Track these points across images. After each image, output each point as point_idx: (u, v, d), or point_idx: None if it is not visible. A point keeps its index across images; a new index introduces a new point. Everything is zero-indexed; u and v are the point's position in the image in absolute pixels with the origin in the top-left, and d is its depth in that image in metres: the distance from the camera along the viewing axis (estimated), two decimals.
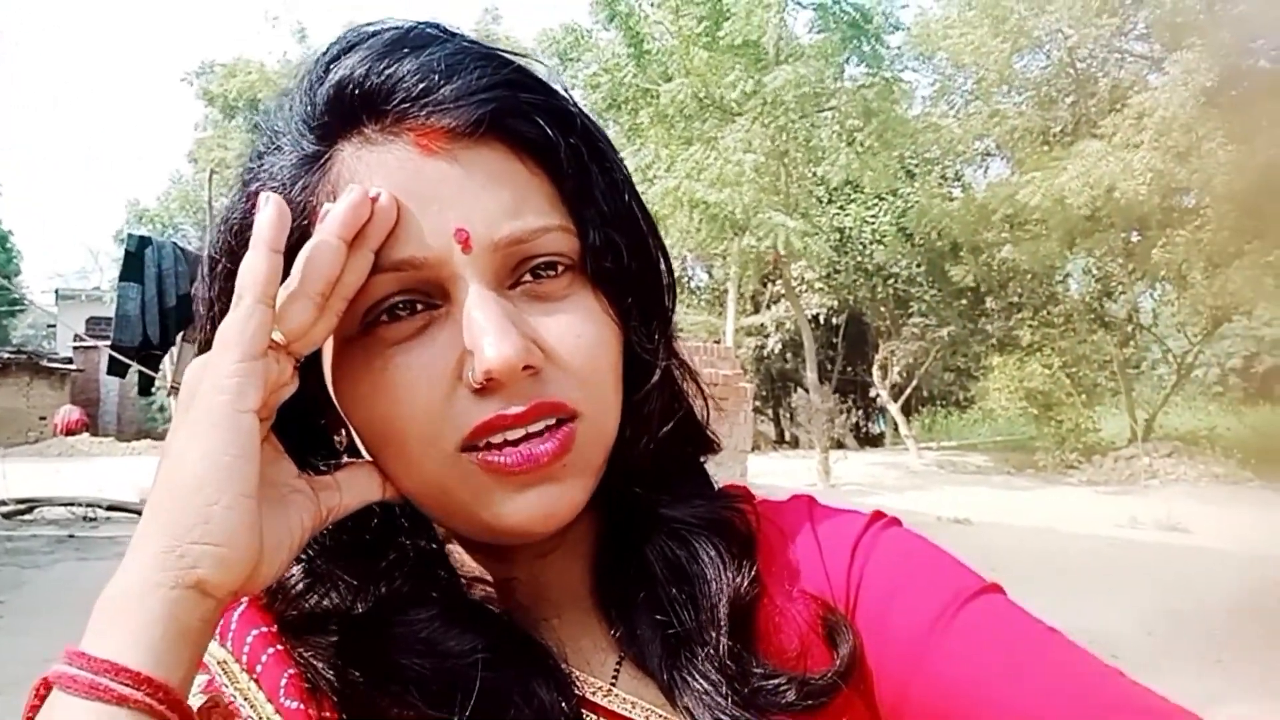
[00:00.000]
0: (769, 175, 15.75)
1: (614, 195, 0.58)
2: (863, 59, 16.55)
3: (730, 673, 0.57)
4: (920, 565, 0.61)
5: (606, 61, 16.71)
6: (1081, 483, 17.00)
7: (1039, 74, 19.12)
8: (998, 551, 8.37)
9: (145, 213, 31.98)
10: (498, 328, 0.51)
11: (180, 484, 0.46)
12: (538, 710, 0.54)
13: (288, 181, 0.55)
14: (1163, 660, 4.65)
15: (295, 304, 0.50)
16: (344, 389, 0.56)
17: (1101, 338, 19.36)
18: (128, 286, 8.90)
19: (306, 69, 0.57)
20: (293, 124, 0.56)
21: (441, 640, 0.56)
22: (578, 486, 0.56)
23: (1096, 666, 0.54)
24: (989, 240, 18.53)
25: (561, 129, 0.55)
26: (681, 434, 0.65)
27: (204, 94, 27.03)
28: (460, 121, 0.52)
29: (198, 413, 0.47)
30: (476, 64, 0.54)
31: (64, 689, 0.42)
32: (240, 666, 0.57)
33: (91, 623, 0.44)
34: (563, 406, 0.54)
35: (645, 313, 0.60)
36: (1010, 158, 19.77)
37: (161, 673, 0.43)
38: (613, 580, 0.62)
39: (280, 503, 0.51)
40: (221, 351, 0.48)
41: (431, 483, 0.55)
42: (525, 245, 0.54)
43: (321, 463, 0.57)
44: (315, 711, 0.54)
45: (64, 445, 21.15)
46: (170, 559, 0.44)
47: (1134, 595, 7.21)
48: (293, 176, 0.55)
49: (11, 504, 11.15)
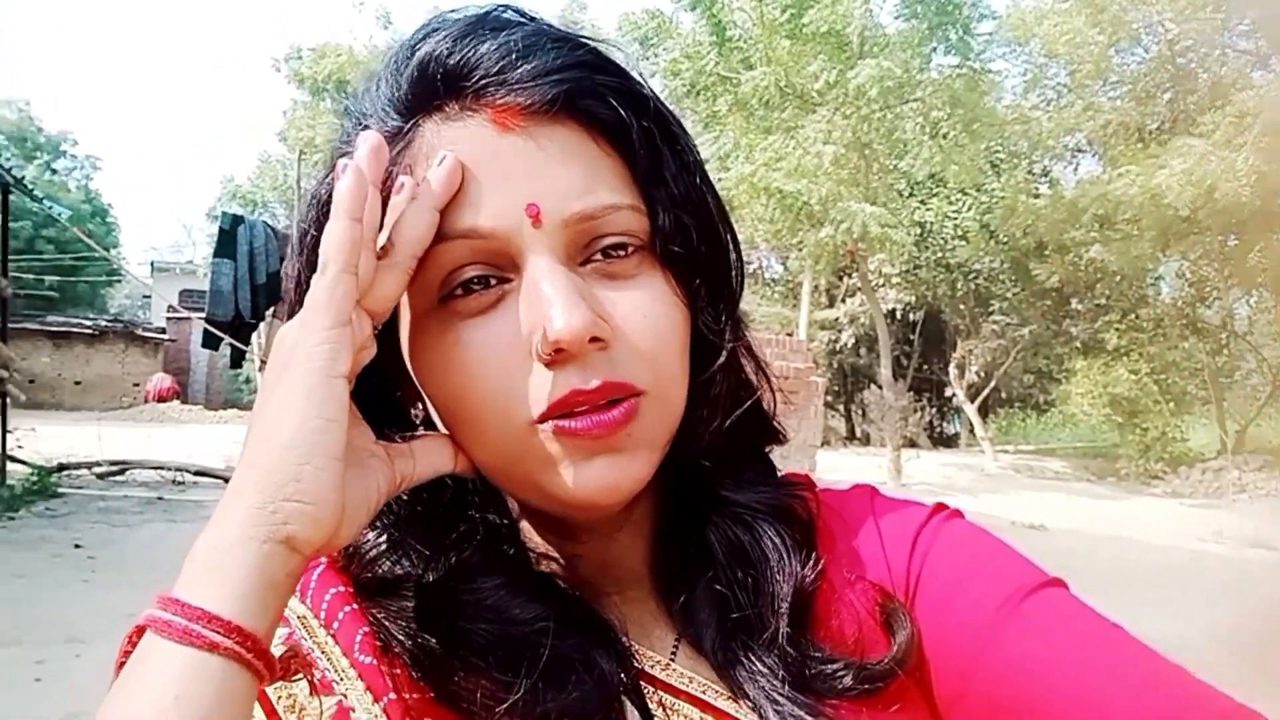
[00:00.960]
0: (849, 167, 15.50)
1: (685, 178, 0.58)
2: (950, 48, 16.14)
3: (788, 657, 0.58)
4: (983, 557, 0.61)
5: (687, 48, 16.62)
6: (1166, 494, 16.41)
7: (1136, 68, 18.41)
8: (1073, 559, 8.14)
9: (238, 190, 32.98)
10: (566, 299, 0.52)
11: (275, 444, 0.47)
12: (598, 679, 0.55)
13: None
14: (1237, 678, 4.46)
15: (381, 271, 0.52)
16: (420, 362, 0.58)
17: (1193, 344, 18.61)
18: (221, 263, 9.23)
19: (393, 53, 0.59)
20: (378, 104, 0.58)
21: (508, 608, 0.57)
22: (641, 460, 0.56)
23: (1163, 663, 0.53)
24: (1077, 239, 17.92)
25: (635, 111, 0.56)
26: (747, 420, 0.65)
27: (294, 76, 27.68)
28: (536, 99, 0.53)
29: (291, 378, 0.49)
30: (553, 45, 0.55)
31: (158, 633, 0.44)
32: (319, 622, 0.59)
33: (184, 572, 0.46)
34: (630, 387, 0.54)
35: (713, 295, 0.60)
36: (1102, 154, 19.09)
37: (250, 622, 0.44)
38: (674, 560, 0.63)
39: (360, 466, 0.52)
40: (311, 317, 0.49)
41: (503, 455, 0.56)
42: (595, 222, 0.55)
43: (397, 434, 0.58)
44: (388, 668, 0.56)
45: (155, 411, 22.08)
46: (263, 514, 0.46)
47: (1214, 611, 6.94)
48: None
49: (105, 465, 11.69)
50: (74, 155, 43.23)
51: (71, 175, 42.57)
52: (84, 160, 43.90)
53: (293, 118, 29.54)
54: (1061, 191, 18.81)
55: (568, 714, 0.53)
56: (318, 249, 0.53)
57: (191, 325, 22.59)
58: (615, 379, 0.54)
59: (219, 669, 0.43)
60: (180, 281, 30.36)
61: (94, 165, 44.73)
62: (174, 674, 0.43)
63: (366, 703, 0.55)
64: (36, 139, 39.82)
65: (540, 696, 0.53)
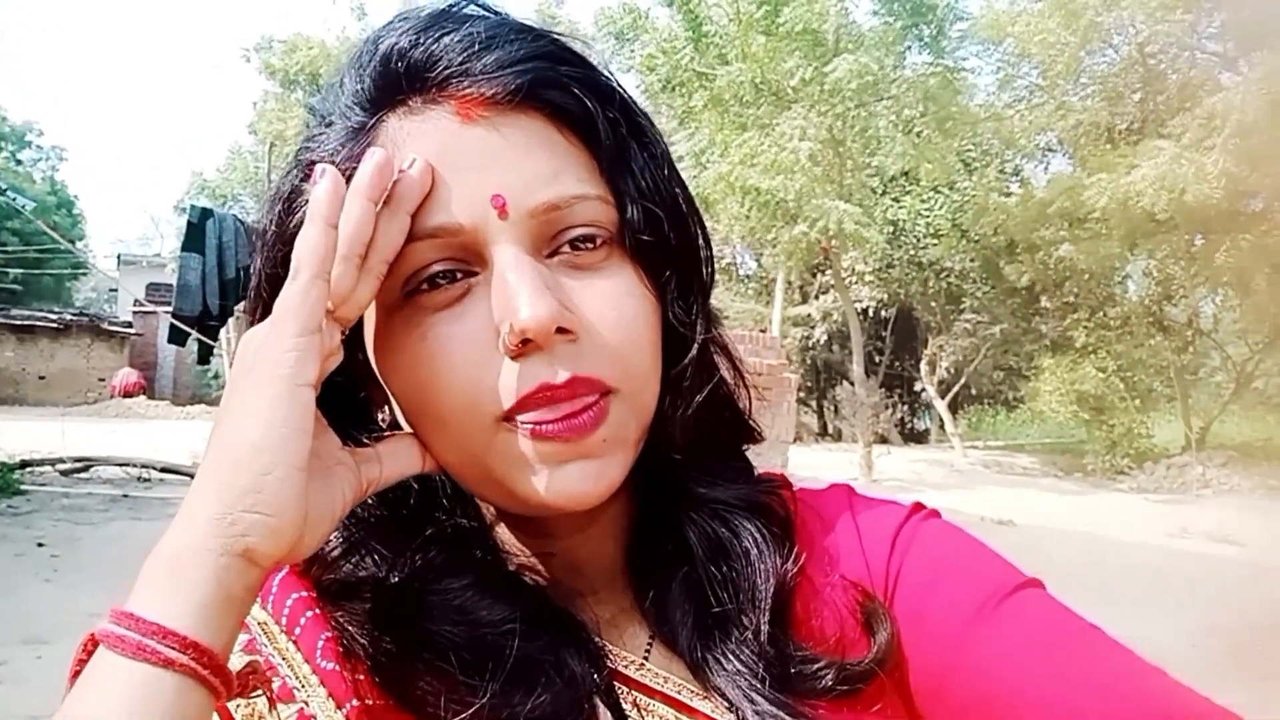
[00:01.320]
0: (824, 164, 15.57)
1: (652, 169, 0.58)
2: (924, 46, 16.26)
3: (767, 655, 0.57)
4: (962, 557, 0.61)
5: (663, 43, 16.61)
6: (1132, 489, 16.64)
7: (1107, 69, 18.61)
8: (1041, 555, 8.23)
9: (206, 184, 32.59)
10: (531, 288, 0.51)
11: (236, 453, 0.46)
12: (568, 680, 0.54)
13: (335, 152, 0.56)
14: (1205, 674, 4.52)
15: (340, 269, 0.51)
16: (385, 359, 0.57)
17: (1159, 342, 18.86)
18: (189, 257, 9.10)
19: (358, 49, 0.58)
20: (342, 100, 0.57)
21: (475, 609, 0.56)
22: (614, 462, 0.55)
23: (1140, 664, 0.53)
24: (1047, 238, 18.11)
25: (599, 101, 0.56)
26: (720, 416, 0.65)
27: (266, 67, 27.38)
28: (498, 90, 0.53)
29: (256, 384, 0.48)
30: (516, 36, 0.55)
31: (111, 648, 0.43)
32: (280, 628, 0.57)
33: (139, 584, 0.45)
34: (599, 383, 0.53)
35: (683, 288, 0.60)
36: (1073, 154, 19.31)
37: (207, 637, 0.43)
38: (648, 558, 0.62)
39: (325, 474, 0.51)
40: (280, 324, 0.49)
41: (470, 452, 0.55)
42: (562, 212, 0.54)
43: (364, 435, 0.58)
44: (350, 674, 0.55)
45: (121, 407, 21.74)
46: (222, 525, 0.45)
47: (1179, 606, 7.06)
48: (339, 148, 0.56)
49: (69, 461, 11.50)
50: (39, 146, 42.57)
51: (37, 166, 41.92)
52: (50, 151, 43.25)
53: (263, 109, 29.25)
54: (1032, 190, 19.01)
55: (538, 716, 0.52)
56: (275, 248, 0.52)
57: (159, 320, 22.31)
58: (584, 374, 0.53)
59: (174, 686, 0.42)
60: (147, 275, 29.97)
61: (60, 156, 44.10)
62: (127, 691, 0.42)
63: (329, 709, 0.54)
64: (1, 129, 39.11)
65: (509, 699, 0.52)
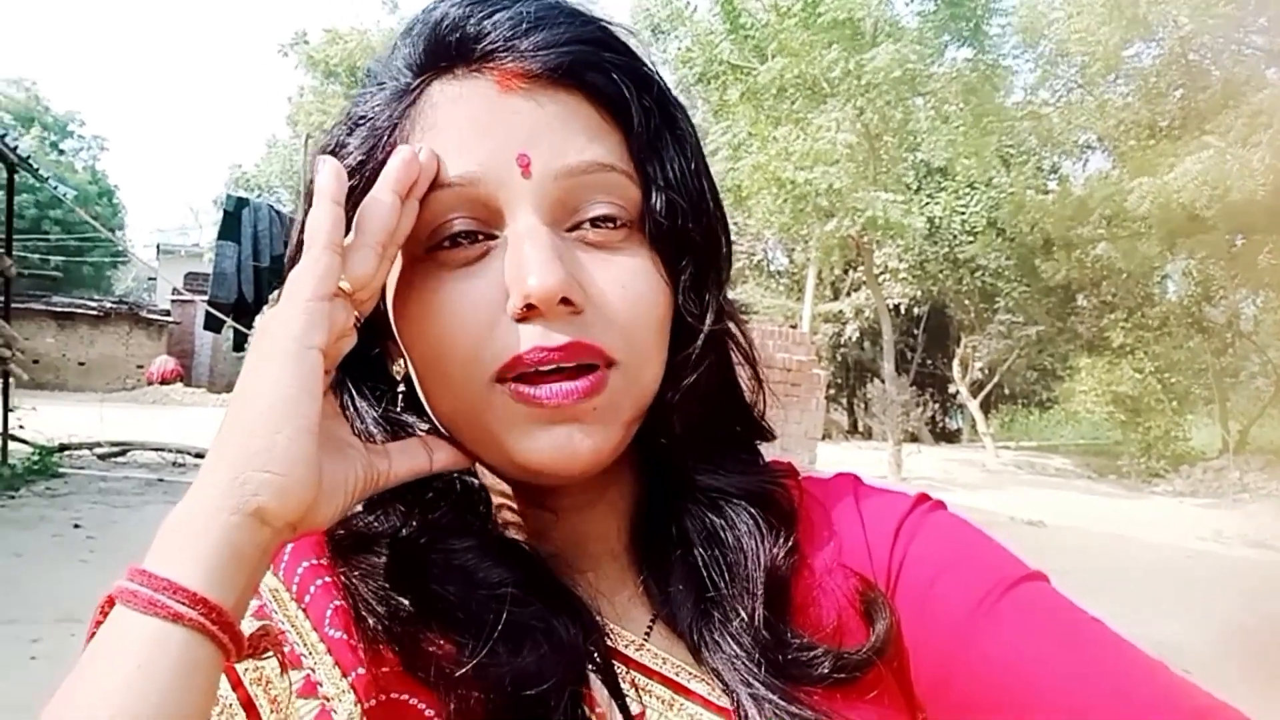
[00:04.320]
0: (860, 158, 15.45)
1: (681, 161, 0.59)
2: (964, 42, 16.06)
3: (764, 641, 0.58)
4: (965, 548, 0.61)
5: (700, 35, 16.55)
6: (1167, 492, 16.42)
7: (1148, 65, 18.28)
8: (1070, 555, 8.14)
9: (244, 176, 32.98)
10: (543, 257, 0.53)
11: (246, 415, 0.48)
12: (556, 645, 0.55)
13: (378, 111, 0.58)
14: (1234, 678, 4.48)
15: (357, 253, 0.53)
16: (401, 309, 0.58)
17: (1198, 344, 18.57)
18: (225, 245, 9.25)
19: (413, 19, 0.60)
20: (393, 65, 0.59)
21: (475, 570, 0.57)
22: (603, 433, 0.56)
23: (1143, 658, 0.53)
24: (1084, 236, 17.86)
25: (638, 88, 0.57)
26: (728, 408, 0.65)
27: (306, 59, 27.60)
28: (540, 66, 0.55)
29: (265, 348, 0.49)
30: (564, 19, 0.57)
31: (125, 603, 0.44)
32: (290, 595, 0.59)
33: (155, 544, 0.46)
34: (600, 351, 0.55)
35: (698, 279, 0.60)
36: (1112, 151, 19.00)
37: (216, 594, 0.44)
38: (650, 541, 0.63)
39: (337, 450, 0.53)
40: (291, 293, 0.50)
41: (466, 410, 0.57)
42: (585, 179, 0.55)
43: (377, 438, 0.59)
44: (357, 642, 0.56)
45: (158, 393, 22.12)
46: (234, 486, 0.46)
47: (1211, 610, 6.94)
48: (383, 107, 0.58)
49: (106, 446, 11.72)
50: (81, 135, 43.29)
51: (78, 155, 42.65)
52: (91, 140, 43.98)
53: (300, 102, 29.51)
54: (1070, 188, 18.75)
55: (525, 679, 0.53)
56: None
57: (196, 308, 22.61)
58: (585, 340, 0.54)
59: (183, 640, 0.43)
60: (186, 264, 30.40)
61: (101, 146, 44.82)
62: (138, 643, 0.43)
63: (335, 677, 0.55)
64: (44, 118, 39.85)
65: (497, 661, 0.53)
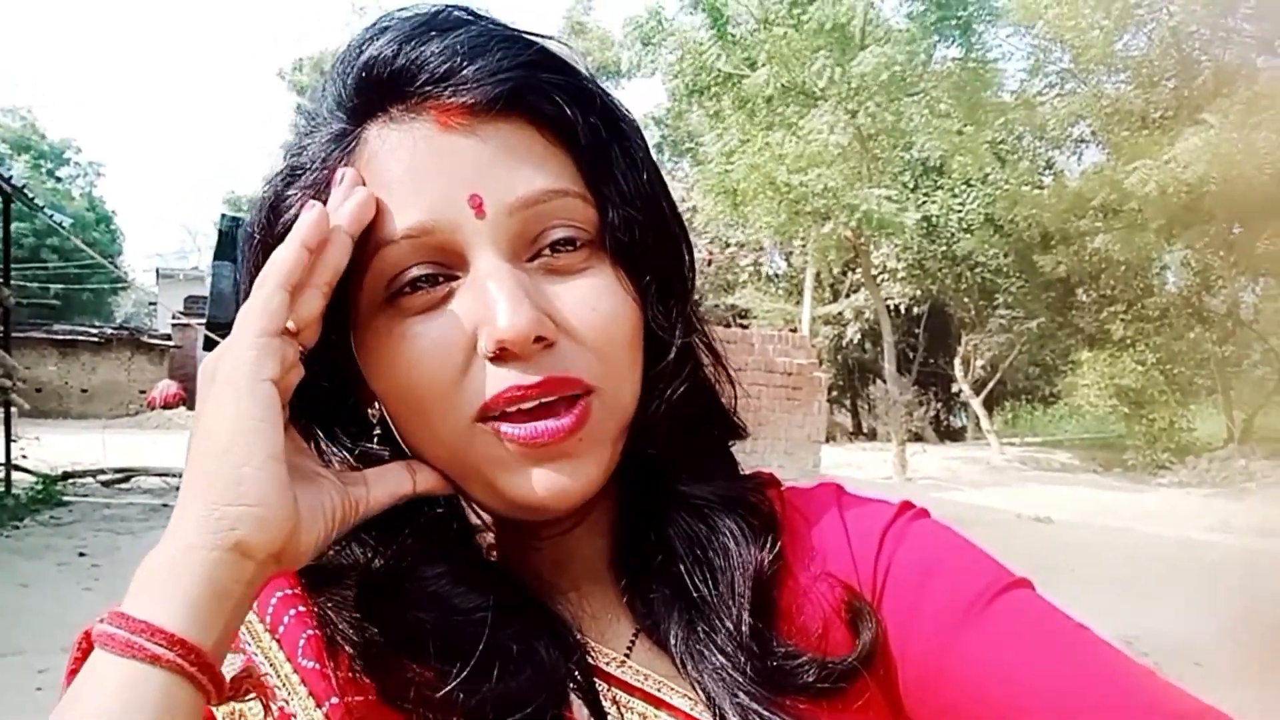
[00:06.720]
0: (853, 158, 15.46)
1: (634, 173, 0.58)
2: (953, 39, 16.08)
3: (749, 650, 0.57)
4: (950, 556, 0.60)
5: (688, 46, 16.58)
6: (1173, 484, 16.37)
7: (1140, 54, 18.27)
8: (1077, 551, 8.11)
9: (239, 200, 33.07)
10: (510, 297, 0.52)
11: (210, 451, 0.47)
12: (537, 667, 0.54)
13: (317, 159, 0.57)
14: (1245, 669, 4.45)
15: (304, 293, 0.52)
16: (369, 359, 0.57)
17: (1199, 334, 18.51)
18: (221, 265, 9.28)
19: (342, 54, 0.59)
20: (325, 105, 0.58)
21: (450, 596, 0.57)
22: (593, 463, 0.56)
23: (1129, 665, 0.52)
24: (1081, 229, 17.83)
25: (581, 107, 0.56)
26: (704, 416, 0.65)
27: (294, 87, 27.72)
28: (479, 99, 0.53)
29: (220, 385, 0.49)
30: (500, 45, 0.55)
31: (103, 646, 0.44)
32: (264, 627, 0.59)
33: (132, 586, 0.46)
34: (577, 382, 0.54)
35: (664, 290, 0.60)
36: (1106, 142, 18.99)
37: (195, 635, 0.44)
38: (633, 554, 0.63)
39: (308, 480, 0.52)
40: (241, 329, 0.50)
41: (450, 452, 0.56)
42: (540, 209, 0.55)
43: (351, 458, 0.59)
44: (330, 671, 0.55)
45: (161, 418, 22.15)
46: (210, 521, 0.46)
47: (1221, 601, 6.91)
48: (322, 154, 0.57)
49: (110, 473, 11.73)
50: (78, 162, 43.41)
51: (75, 182, 42.80)
52: (87, 167, 44.14)
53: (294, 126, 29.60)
54: (1065, 181, 18.72)
55: (506, 703, 0.53)
56: (260, 254, 0.54)
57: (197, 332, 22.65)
58: (560, 373, 0.54)
59: (161, 683, 0.43)
60: (185, 288, 30.47)
61: (97, 172, 44.95)
62: (117, 688, 0.43)
63: (309, 707, 0.55)
64: (39, 146, 39.97)
65: (477, 686, 0.53)
